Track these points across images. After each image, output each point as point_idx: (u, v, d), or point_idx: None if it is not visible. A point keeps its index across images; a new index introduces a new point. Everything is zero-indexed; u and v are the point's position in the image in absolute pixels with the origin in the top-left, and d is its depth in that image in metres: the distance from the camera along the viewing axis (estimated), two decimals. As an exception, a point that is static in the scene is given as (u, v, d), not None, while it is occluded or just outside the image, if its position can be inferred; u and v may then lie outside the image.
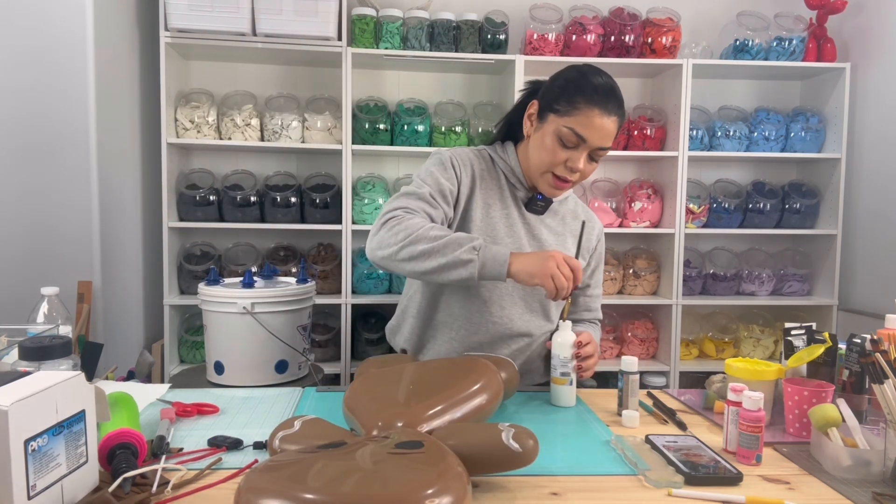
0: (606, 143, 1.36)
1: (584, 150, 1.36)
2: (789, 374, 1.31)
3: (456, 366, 1.24)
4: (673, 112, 2.97)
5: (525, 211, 1.50)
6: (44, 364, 1.10)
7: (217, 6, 2.58)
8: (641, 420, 1.29)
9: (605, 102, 1.33)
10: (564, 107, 1.34)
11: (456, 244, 1.26)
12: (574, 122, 1.33)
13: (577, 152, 1.36)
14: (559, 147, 1.36)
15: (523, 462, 0.92)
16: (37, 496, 0.78)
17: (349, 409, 1.11)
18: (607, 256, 3.15)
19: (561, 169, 1.38)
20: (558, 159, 1.37)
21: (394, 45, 2.78)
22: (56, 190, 2.24)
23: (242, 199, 2.81)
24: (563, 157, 1.37)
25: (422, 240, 1.27)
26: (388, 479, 0.80)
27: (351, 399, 1.13)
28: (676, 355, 2.98)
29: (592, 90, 1.33)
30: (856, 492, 0.98)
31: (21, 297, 2.00)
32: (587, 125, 1.33)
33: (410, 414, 1.03)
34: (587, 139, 1.34)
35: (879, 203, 2.90)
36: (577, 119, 1.33)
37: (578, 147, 1.35)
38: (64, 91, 2.23)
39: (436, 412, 1.05)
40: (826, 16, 2.99)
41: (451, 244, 1.26)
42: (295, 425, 0.98)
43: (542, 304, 1.50)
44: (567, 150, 1.36)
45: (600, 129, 1.33)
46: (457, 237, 1.27)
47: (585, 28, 2.86)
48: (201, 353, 2.85)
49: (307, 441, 0.95)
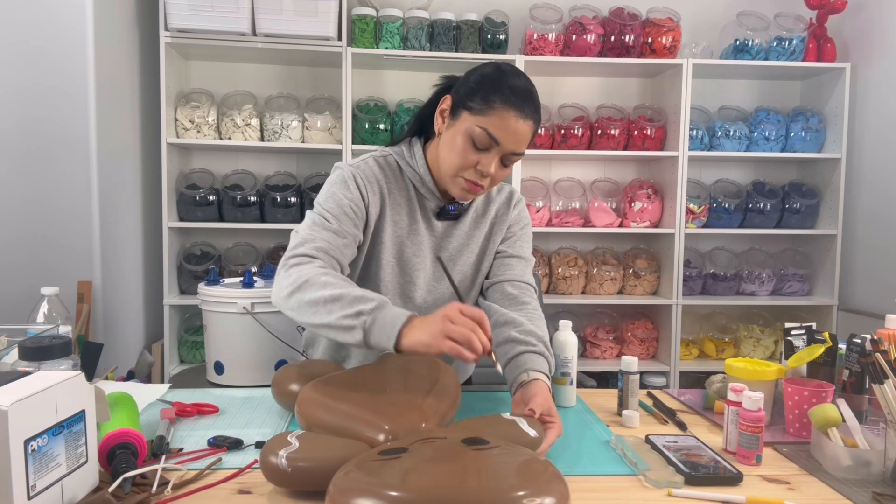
0: (520, 147, 1.26)
1: (497, 154, 1.25)
2: (789, 374, 1.31)
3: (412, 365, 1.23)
4: (673, 112, 2.97)
5: (435, 222, 1.39)
6: (44, 364, 1.10)
7: (217, 6, 2.58)
8: (641, 420, 1.28)
9: (522, 105, 1.23)
10: (479, 105, 1.23)
11: (344, 302, 1.09)
12: (488, 122, 1.23)
13: (488, 155, 1.25)
14: (470, 148, 1.25)
15: (537, 446, 1.00)
16: (37, 496, 0.78)
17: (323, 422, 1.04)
18: (607, 256, 3.15)
19: (471, 172, 1.27)
20: (469, 161, 1.26)
21: (394, 45, 2.78)
22: (56, 190, 2.24)
23: (242, 199, 2.81)
24: (474, 159, 1.26)
25: (312, 286, 1.14)
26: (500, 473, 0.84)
27: (319, 411, 1.06)
28: (676, 355, 2.98)
29: (510, 91, 1.23)
30: (856, 492, 0.98)
31: (21, 297, 2.00)
32: (502, 127, 1.23)
33: (423, 415, 1.03)
34: (501, 142, 1.24)
35: (879, 203, 2.90)
36: (491, 119, 1.23)
37: (491, 150, 1.25)
38: (64, 91, 2.23)
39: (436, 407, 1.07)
40: (826, 16, 2.99)
41: (338, 300, 1.10)
42: (292, 441, 0.95)
43: None
44: (478, 153, 1.25)
45: (515, 133, 1.24)
46: (346, 293, 1.10)
47: (585, 28, 2.86)
48: (201, 353, 2.85)
49: (317, 454, 0.92)
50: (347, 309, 1.09)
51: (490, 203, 1.45)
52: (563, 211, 3.08)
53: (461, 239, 1.41)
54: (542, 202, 3.05)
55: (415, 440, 0.94)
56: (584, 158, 3.18)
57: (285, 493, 0.94)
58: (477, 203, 1.43)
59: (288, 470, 0.90)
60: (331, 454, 0.92)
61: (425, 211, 1.39)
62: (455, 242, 1.41)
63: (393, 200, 1.37)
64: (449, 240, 1.40)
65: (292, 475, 0.90)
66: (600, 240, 3.23)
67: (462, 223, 1.42)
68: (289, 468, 0.90)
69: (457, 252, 1.41)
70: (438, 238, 1.40)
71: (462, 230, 1.41)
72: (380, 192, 1.35)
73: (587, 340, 3.11)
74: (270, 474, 0.91)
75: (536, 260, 3.07)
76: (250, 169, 2.99)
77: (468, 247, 1.42)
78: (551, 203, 3.09)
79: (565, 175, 3.19)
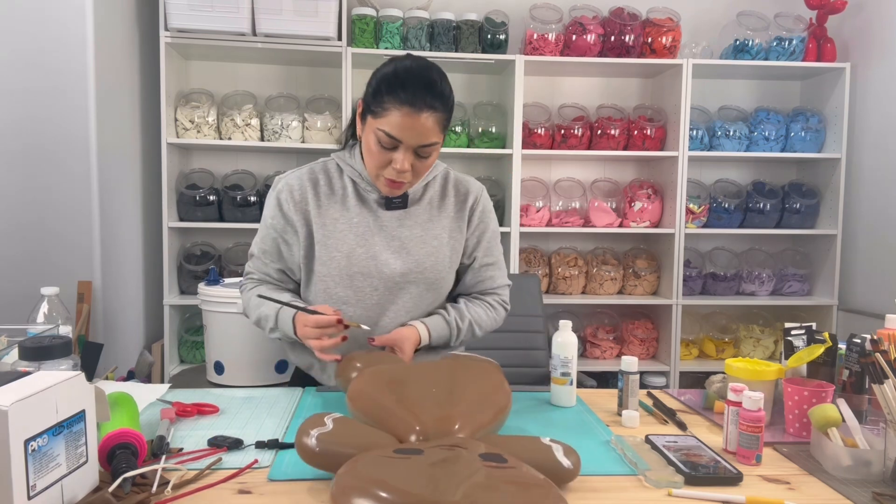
0: (425, 139, 1.27)
1: (406, 150, 1.28)
2: (789, 374, 1.31)
3: (461, 366, 1.24)
4: (673, 112, 2.97)
5: (383, 213, 1.42)
6: (44, 364, 1.10)
7: (217, 6, 2.58)
8: (641, 420, 1.28)
9: (413, 100, 1.24)
10: (376, 108, 1.27)
11: (264, 321, 1.43)
12: (385, 123, 1.26)
13: (398, 153, 1.28)
14: (380, 149, 1.29)
15: (570, 478, 0.96)
16: (37, 496, 0.78)
17: (367, 412, 1.09)
18: (607, 256, 3.15)
19: (389, 171, 1.31)
20: (382, 161, 1.30)
21: (394, 45, 2.78)
22: (56, 190, 2.24)
23: (242, 199, 2.81)
24: (387, 158, 1.29)
25: (249, 310, 1.47)
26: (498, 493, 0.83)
27: (364, 401, 1.11)
28: (676, 355, 2.98)
29: (400, 87, 1.24)
30: (856, 492, 0.98)
31: (21, 297, 2.00)
32: (398, 125, 1.25)
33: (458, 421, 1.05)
34: (402, 140, 1.26)
35: (879, 203, 2.89)
36: (388, 120, 1.25)
37: (398, 148, 1.28)
38: (64, 91, 2.23)
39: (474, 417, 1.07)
40: (826, 16, 2.99)
41: (261, 319, 1.43)
42: (327, 423, 0.98)
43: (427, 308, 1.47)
44: (388, 152, 1.29)
45: (412, 129, 1.25)
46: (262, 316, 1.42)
47: (585, 28, 2.86)
48: (201, 353, 2.85)
49: (345, 439, 0.95)
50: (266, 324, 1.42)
51: (446, 197, 1.47)
52: (563, 211, 3.08)
53: (417, 230, 1.43)
54: (542, 202, 3.05)
55: (435, 445, 0.96)
56: (584, 158, 3.18)
57: (285, 493, 0.95)
58: (434, 190, 1.47)
59: (316, 449, 0.94)
60: (358, 441, 0.95)
61: (368, 204, 1.43)
62: (416, 230, 1.43)
63: (323, 204, 1.42)
64: (402, 230, 1.43)
65: (319, 455, 0.94)
66: (600, 240, 3.23)
67: (415, 213, 1.44)
68: (317, 448, 0.94)
69: (417, 238, 1.43)
70: (392, 227, 1.42)
71: (417, 221, 1.44)
72: (303, 203, 1.41)
73: (587, 340, 3.11)
74: (301, 450, 0.95)
75: (536, 260, 3.07)
76: (250, 169, 2.99)
77: (427, 233, 1.44)
78: (551, 203, 3.09)
79: (565, 175, 3.19)
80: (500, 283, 1.53)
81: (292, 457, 1.05)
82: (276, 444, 1.10)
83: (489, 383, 1.19)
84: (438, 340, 1.43)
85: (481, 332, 1.49)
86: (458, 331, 1.44)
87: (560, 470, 0.95)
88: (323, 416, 1.00)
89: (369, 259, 1.39)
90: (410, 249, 1.41)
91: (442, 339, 1.43)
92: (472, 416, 1.08)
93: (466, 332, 1.46)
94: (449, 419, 1.05)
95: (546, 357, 2.05)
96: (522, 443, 1.01)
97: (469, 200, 1.48)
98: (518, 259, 2.94)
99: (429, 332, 1.40)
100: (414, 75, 1.27)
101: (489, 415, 1.10)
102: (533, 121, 2.92)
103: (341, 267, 1.39)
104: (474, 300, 1.51)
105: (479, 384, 1.18)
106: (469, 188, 1.50)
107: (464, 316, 1.45)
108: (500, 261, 1.54)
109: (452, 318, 1.44)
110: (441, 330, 1.42)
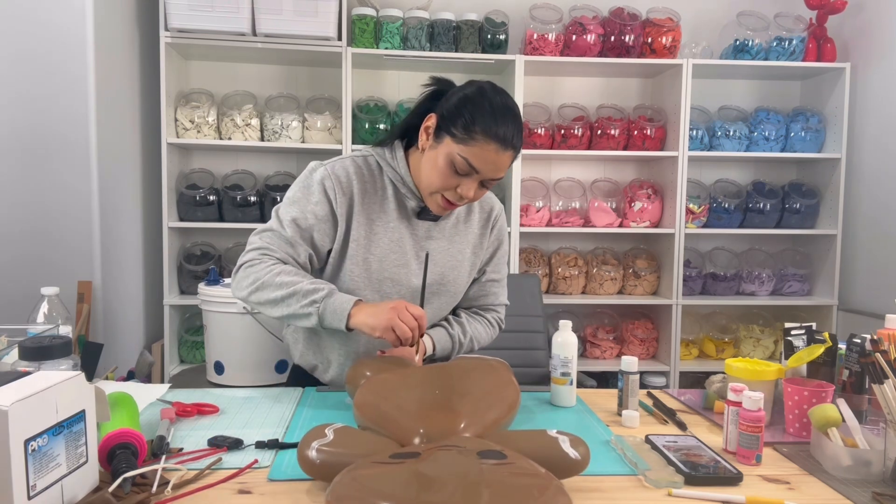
0: (500, 174, 1.30)
1: (477, 179, 1.30)
2: (789, 374, 1.31)
3: (470, 367, 1.24)
4: (673, 112, 2.97)
5: (415, 221, 1.42)
6: (44, 364, 1.10)
7: (217, 6, 2.58)
8: (641, 420, 1.28)
9: (503, 138, 1.25)
10: (461, 134, 1.26)
11: (299, 295, 1.26)
12: (469, 153, 1.26)
13: (469, 180, 1.30)
14: (451, 173, 1.29)
15: (579, 469, 0.95)
16: (37, 496, 0.78)
17: (372, 419, 1.09)
18: (607, 256, 3.15)
19: (451, 193, 1.32)
20: (449, 184, 1.30)
21: (394, 46, 2.78)
22: (56, 190, 2.24)
23: (242, 199, 2.81)
24: (454, 182, 1.30)
25: (268, 287, 1.28)
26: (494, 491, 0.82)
27: (369, 408, 1.11)
28: (676, 355, 2.98)
29: (494, 122, 1.25)
30: (856, 492, 0.98)
31: (21, 297, 2.00)
32: (483, 159, 1.26)
33: (463, 420, 1.05)
34: (481, 171, 1.28)
35: (879, 203, 2.89)
36: (472, 150, 1.26)
37: (471, 175, 1.29)
38: (64, 91, 2.23)
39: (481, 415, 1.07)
40: (826, 16, 2.99)
41: (294, 295, 1.26)
42: (327, 434, 0.98)
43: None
44: (458, 177, 1.29)
45: (494, 163, 1.27)
46: (299, 288, 1.26)
47: (585, 28, 2.86)
48: (201, 353, 2.85)
49: (345, 449, 0.95)
50: (303, 300, 1.26)
51: (471, 213, 1.49)
52: (563, 211, 3.08)
53: (444, 242, 1.45)
54: (542, 202, 3.05)
55: (433, 446, 0.96)
56: (584, 158, 3.18)
57: (285, 493, 0.95)
58: (460, 207, 1.45)
59: (317, 461, 0.93)
60: (358, 450, 0.95)
61: (405, 209, 1.42)
62: (442, 242, 1.44)
63: (367, 199, 1.40)
64: (429, 241, 1.43)
65: (320, 467, 0.93)
66: (600, 240, 3.23)
67: (443, 225, 1.45)
68: (317, 460, 0.93)
69: (444, 251, 1.44)
70: (421, 237, 1.43)
71: (443, 233, 1.45)
72: (349, 192, 1.38)
73: (587, 340, 3.11)
74: (303, 463, 0.95)
75: (536, 260, 3.08)
76: (250, 169, 2.99)
77: (453, 247, 1.46)
78: (551, 203, 3.09)
79: (565, 175, 3.19)
80: (501, 300, 1.57)
81: (292, 457, 1.05)
82: (276, 444, 1.10)
83: (497, 381, 1.19)
84: (441, 353, 1.45)
85: (477, 347, 1.52)
86: (459, 346, 1.47)
87: (567, 461, 0.94)
88: (324, 427, 1.00)
89: (400, 267, 1.40)
90: (436, 261, 1.42)
91: (444, 353, 1.46)
92: (479, 415, 1.08)
93: (466, 348, 1.49)
94: (454, 419, 1.05)
95: (546, 357, 2.05)
96: (528, 437, 1.01)
97: (492, 217, 1.52)
98: (518, 259, 2.94)
99: (434, 346, 1.43)
100: (511, 114, 1.28)
101: (497, 412, 1.11)
102: (533, 121, 2.92)
103: (372, 270, 1.38)
104: (475, 316, 1.54)
105: (486, 382, 1.18)
106: (493, 205, 1.53)
107: (466, 332, 1.48)
108: (504, 279, 1.57)
109: (456, 333, 1.46)
110: (445, 343, 1.45)
